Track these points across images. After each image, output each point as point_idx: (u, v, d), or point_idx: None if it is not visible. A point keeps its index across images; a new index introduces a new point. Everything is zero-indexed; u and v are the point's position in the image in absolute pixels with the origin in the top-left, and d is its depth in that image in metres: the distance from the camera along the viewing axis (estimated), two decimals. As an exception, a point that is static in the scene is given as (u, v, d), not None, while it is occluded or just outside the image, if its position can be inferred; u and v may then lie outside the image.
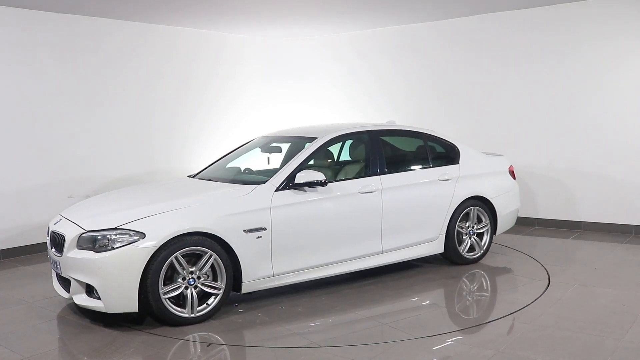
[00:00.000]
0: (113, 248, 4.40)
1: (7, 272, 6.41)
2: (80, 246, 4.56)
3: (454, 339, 4.33)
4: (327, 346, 4.18)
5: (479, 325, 4.59)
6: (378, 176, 5.59)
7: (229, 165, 6.06)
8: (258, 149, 6.22)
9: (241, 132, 9.42)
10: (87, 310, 4.94)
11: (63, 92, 7.37)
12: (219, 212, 4.72)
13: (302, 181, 5.06)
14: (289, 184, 5.09)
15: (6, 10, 6.79)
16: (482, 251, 6.29)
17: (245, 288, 4.85)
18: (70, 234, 4.64)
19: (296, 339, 4.34)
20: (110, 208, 4.94)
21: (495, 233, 6.39)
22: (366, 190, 5.47)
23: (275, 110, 10.07)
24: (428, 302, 5.24)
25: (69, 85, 7.42)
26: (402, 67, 9.08)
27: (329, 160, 6.00)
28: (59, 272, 4.82)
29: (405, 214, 5.71)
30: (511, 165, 6.72)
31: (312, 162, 5.85)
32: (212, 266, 4.68)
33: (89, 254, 4.46)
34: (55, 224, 5.02)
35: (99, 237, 4.46)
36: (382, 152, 5.75)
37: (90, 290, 4.55)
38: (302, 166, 5.24)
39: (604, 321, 4.54)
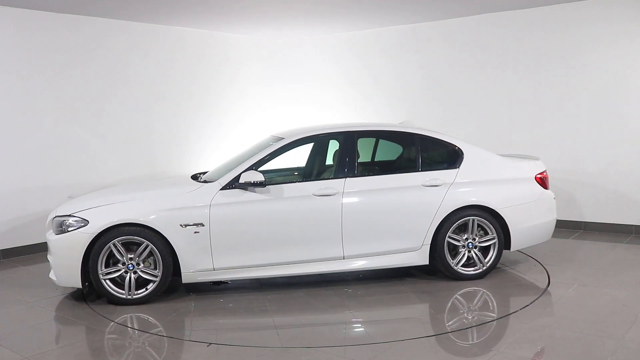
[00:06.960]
0: (66, 231, 5.02)
1: (7, 272, 6.41)
2: (52, 228, 5.17)
3: (453, 339, 4.33)
4: (216, 343, 4.29)
5: (478, 326, 4.59)
6: (342, 179, 5.38)
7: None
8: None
9: (242, 133, 9.42)
10: (86, 311, 4.99)
11: (65, 93, 7.36)
12: (158, 206, 5.10)
13: (242, 181, 5.15)
14: (234, 183, 5.23)
15: (7, 11, 6.79)
16: (484, 267, 5.63)
17: (186, 278, 5.18)
18: (49, 217, 5.30)
19: (193, 334, 4.52)
20: (84, 198, 5.43)
21: (509, 248, 5.70)
22: (323, 193, 5.31)
23: (276, 112, 10.05)
24: (352, 314, 4.90)
25: (71, 85, 7.41)
26: (401, 68, 9.08)
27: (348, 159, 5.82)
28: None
29: (373, 220, 5.39)
30: (543, 172, 5.91)
31: (331, 162, 5.89)
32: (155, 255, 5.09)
33: (51, 236, 5.12)
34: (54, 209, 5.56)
35: (61, 221, 5.09)
36: (353, 154, 5.51)
37: None
38: (257, 166, 5.32)
39: (604, 321, 4.54)
